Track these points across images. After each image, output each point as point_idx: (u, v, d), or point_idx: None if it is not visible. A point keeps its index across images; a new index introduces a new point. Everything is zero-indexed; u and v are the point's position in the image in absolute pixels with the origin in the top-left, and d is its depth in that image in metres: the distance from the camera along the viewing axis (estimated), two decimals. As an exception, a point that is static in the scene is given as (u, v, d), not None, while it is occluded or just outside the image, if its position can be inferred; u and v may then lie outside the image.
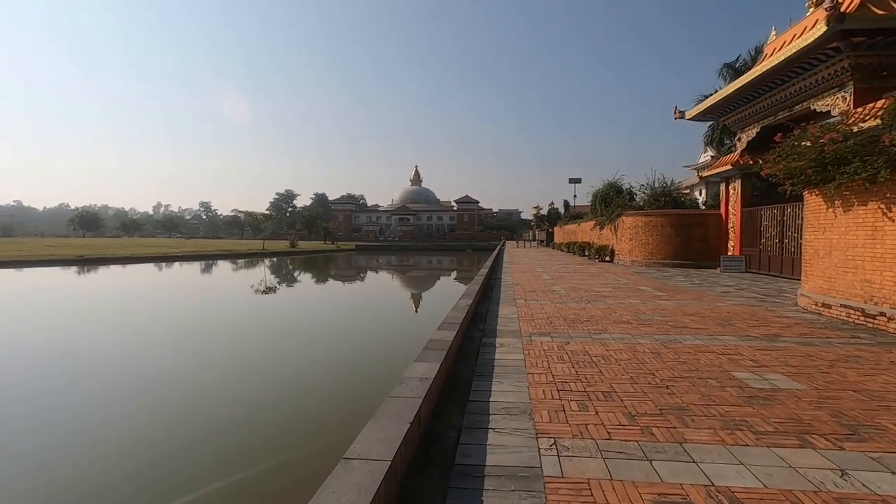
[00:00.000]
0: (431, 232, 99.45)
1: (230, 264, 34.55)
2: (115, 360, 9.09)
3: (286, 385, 7.80)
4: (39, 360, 9.06)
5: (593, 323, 6.78)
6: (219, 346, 10.68)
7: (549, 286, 11.80)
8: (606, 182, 29.30)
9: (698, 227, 18.05)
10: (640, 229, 19.45)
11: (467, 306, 6.73)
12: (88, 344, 10.53)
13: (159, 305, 16.77)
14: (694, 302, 8.98)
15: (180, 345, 10.67)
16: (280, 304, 18.58)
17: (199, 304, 17.19)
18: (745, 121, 15.56)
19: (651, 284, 12.14)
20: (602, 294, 10.17)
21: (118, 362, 8.98)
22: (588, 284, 12.18)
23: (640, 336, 5.90)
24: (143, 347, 10.28)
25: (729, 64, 29.86)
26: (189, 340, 11.16)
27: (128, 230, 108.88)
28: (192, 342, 11.00)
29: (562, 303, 8.89)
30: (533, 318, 7.18)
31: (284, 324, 13.94)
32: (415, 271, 37.63)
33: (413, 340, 9.22)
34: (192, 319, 14.35)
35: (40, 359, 9.12)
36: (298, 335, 12.12)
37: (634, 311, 7.82)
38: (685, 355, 4.95)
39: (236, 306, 17.03)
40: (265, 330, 12.75)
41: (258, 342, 11.11)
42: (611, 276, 14.82)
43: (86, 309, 15.42)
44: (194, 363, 9.08)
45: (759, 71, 12.67)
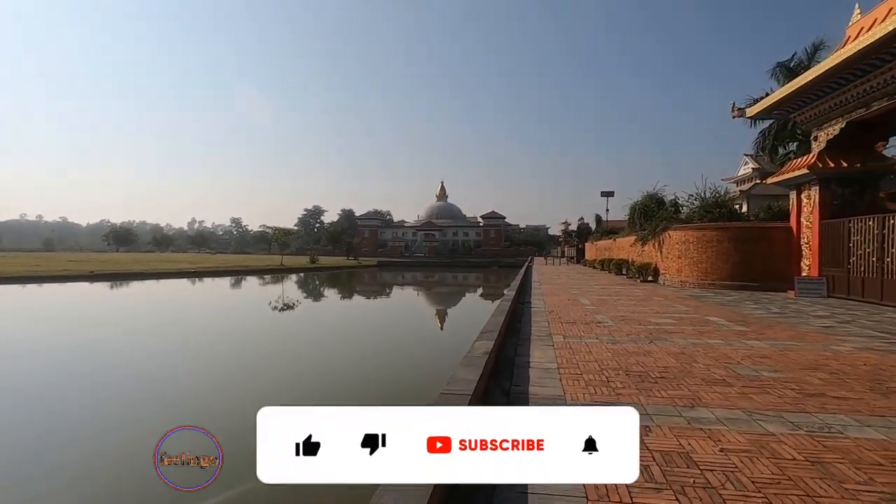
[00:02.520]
0: (457, 248, 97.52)
1: (237, 281, 33.32)
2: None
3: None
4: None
5: (673, 383, 4.58)
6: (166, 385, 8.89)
7: (590, 314, 9.56)
8: (646, 193, 26.81)
9: (762, 242, 15.40)
10: (690, 245, 16.91)
11: (486, 354, 4.65)
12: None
13: (126, 332, 14.55)
14: (797, 343, 6.60)
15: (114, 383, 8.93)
16: (252, 338, 14.22)
17: (162, 330, 15.31)
18: (825, 116, 13.05)
19: (719, 313, 9.73)
20: (664, 328, 7.88)
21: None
22: (639, 313, 9.87)
23: (761, 414, 3.68)
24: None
25: (783, 63, 26.99)
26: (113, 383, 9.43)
27: (160, 245, 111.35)
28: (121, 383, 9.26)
29: (613, 341, 6.68)
30: (580, 372, 5.02)
31: (254, 366, 12.11)
32: (434, 290, 35.68)
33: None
34: (136, 349, 12.28)
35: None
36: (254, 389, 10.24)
37: (723, 359, 5.55)
38: (877, 472, 2.72)
39: (200, 341, 13.70)
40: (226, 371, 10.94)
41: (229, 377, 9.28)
42: (662, 300, 12.41)
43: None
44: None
45: (858, 48, 10.22)
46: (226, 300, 26.07)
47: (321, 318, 19.57)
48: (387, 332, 16.20)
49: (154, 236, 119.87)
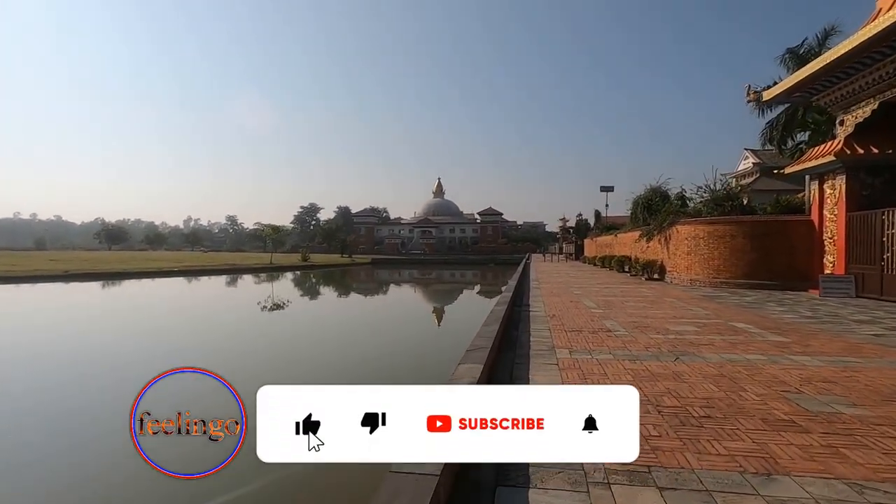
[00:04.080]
0: (454, 245, 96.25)
1: (221, 280, 31.91)
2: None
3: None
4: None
5: (726, 427, 3.32)
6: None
7: (597, 320, 8.33)
8: (649, 187, 25.55)
9: (780, 237, 14.18)
10: (701, 241, 15.69)
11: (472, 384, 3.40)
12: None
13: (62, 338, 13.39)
14: (856, 360, 5.36)
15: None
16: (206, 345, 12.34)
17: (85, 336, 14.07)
18: (854, 97, 11.82)
19: (745, 318, 8.50)
20: (687, 338, 6.64)
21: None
22: (653, 318, 8.64)
23: (876, 490, 2.45)
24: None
25: (793, 49, 25.78)
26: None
27: (152, 243, 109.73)
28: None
29: (631, 357, 5.44)
30: (596, 407, 3.77)
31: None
32: (429, 288, 34.42)
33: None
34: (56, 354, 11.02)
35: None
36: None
37: (776, 385, 4.31)
38: None
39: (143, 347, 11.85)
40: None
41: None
42: (675, 302, 11.19)
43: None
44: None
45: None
46: (195, 300, 24.61)
47: (285, 325, 16.72)
48: (364, 343, 13.50)
49: (146, 235, 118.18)
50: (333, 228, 78.79)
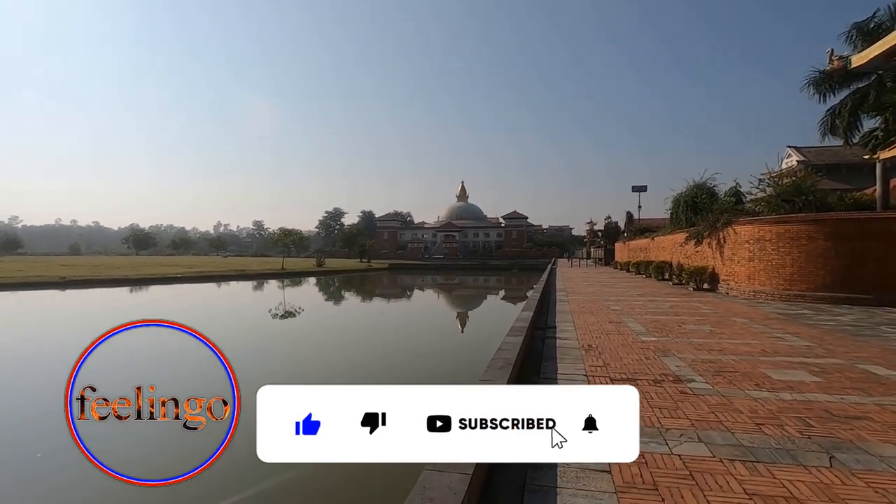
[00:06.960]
0: (478, 249, 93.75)
1: (221, 287, 30.36)
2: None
3: None
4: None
5: None
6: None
7: (653, 356, 5.84)
8: (691, 183, 22.57)
9: (877, 240, 11.27)
10: (767, 244, 12.87)
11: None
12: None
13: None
14: None
15: None
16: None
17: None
18: None
19: (871, 355, 5.84)
20: (813, 398, 4.11)
21: None
22: (734, 353, 6.08)
23: None
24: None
25: (860, 24, 22.45)
26: None
27: (178, 248, 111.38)
28: None
29: (743, 454, 3.00)
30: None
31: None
32: (446, 299, 32.09)
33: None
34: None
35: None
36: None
37: None
38: None
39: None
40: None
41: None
42: (748, 323, 8.53)
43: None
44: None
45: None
46: (170, 308, 22.50)
47: (259, 348, 12.50)
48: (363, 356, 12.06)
49: (173, 239, 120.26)
50: (354, 233, 77.48)
